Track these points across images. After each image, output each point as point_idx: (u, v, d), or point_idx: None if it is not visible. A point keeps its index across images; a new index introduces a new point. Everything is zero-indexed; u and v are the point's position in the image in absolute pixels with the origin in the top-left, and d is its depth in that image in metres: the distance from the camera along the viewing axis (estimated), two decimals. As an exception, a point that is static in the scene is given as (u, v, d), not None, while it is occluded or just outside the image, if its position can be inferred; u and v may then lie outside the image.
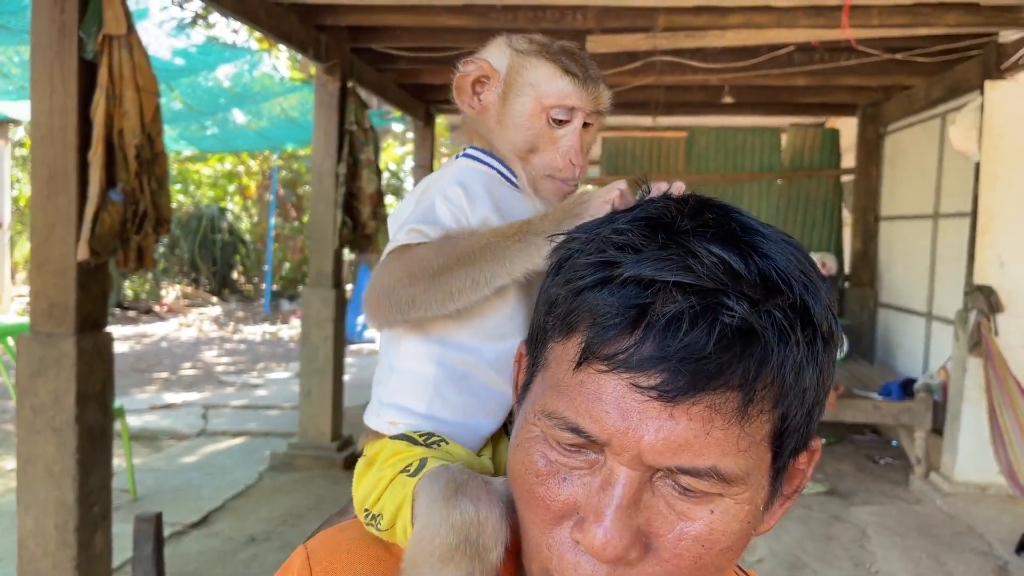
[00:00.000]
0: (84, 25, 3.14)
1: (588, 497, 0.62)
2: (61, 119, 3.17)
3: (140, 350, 11.33)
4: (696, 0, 4.75)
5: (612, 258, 0.62)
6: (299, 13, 5.18)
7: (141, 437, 6.65)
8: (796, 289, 0.61)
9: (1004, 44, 5.38)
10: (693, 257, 0.60)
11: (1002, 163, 5.31)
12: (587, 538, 0.61)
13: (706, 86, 6.92)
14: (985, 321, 5.18)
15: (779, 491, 0.68)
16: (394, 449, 0.92)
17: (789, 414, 0.63)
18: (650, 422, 0.59)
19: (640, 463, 0.60)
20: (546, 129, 1.02)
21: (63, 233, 3.19)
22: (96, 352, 3.30)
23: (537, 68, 1.02)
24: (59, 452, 3.21)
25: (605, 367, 0.60)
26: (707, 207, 0.66)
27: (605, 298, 0.61)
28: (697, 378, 0.58)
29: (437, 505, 0.82)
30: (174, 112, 8.26)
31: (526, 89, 1.02)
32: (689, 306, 0.58)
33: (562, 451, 0.64)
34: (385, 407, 0.98)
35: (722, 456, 0.60)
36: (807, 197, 8.53)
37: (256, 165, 18.01)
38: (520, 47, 1.04)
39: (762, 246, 0.63)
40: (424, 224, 0.95)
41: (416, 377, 0.97)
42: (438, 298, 0.91)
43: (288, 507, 5.08)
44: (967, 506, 5.21)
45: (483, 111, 1.04)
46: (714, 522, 0.61)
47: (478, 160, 1.04)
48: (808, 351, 0.62)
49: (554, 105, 1.01)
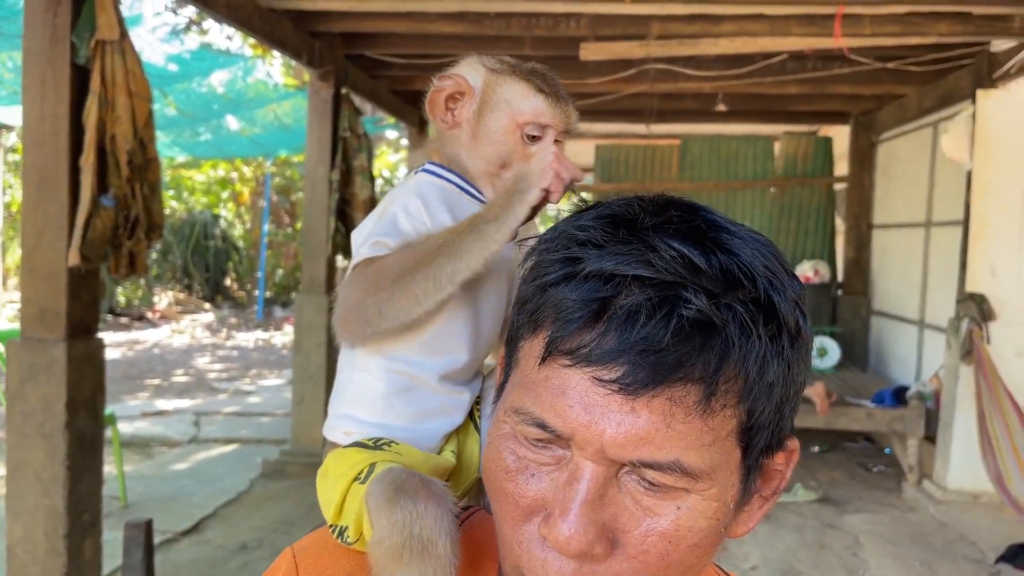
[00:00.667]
0: (77, 30, 3.14)
1: (555, 493, 0.63)
2: (53, 124, 3.16)
3: (132, 356, 11.28)
4: (689, 8, 4.77)
5: (575, 254, 0.63)
6: (293, 19, 5.18)
7: (132, 444, 6.62)
8: (760, 284, 0.62)
9: (996, 53, 5.41)
10: (653, 251, 0.60)
11: (994, 172, 5.33)
12: (552, 533, 0.61)
13: (699, 94, 6.94)
14: (977, 329, 5.19)
15: (753, 490, 0.68)
16: (344, 457, 0.93)
17: (756, 409, 0.63)
18: (612, 416, 0.60)
19: (604, 457, 0.60)
20: (519, 145, 1.04)
21: (54, 239, 3.17)
22: (87, 358, 3.28)
23: (511, 86, 1.05)
24: (49, 459, 3.18)
25: (568, 361, 0.61)
26: (673, 205, 0.66)
27: (568, 293, 0.61)
28: (657, 371, 0.58)
29: (382, 508, 0.84)
30: (168, 118, 8.24)
31: (501, 106, 1.04)
32: (647, 299, 0.59)
33: (530, 447, 0.64)
34: (339, 419, 1.00)
35: (685, 450, 0.60)
36: (800, 205, 8.55)
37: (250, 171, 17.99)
38: (493, 66, 1.06)
39: (726, 242, 0.63)
40: (386, 237, 0.96)
41: (367, 390, 0.99)
42: (404, 304, 0.92)
43: (280, 515, 5.06)
44: (960, 514, 5.21)
45: (455, 126, 1.06)
46: (680, 518, 0.61)
47: (436, 175, 1.05)
48: (772, 346, 0.62)
49: (528, 122, 1.04)
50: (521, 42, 5.64)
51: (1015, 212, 5.33)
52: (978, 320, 5.22)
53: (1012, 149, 5.31)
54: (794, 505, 5.42)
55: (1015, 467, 4.68)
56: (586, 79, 6.13)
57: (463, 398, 1.02)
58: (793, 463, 0.70)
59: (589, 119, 8.29)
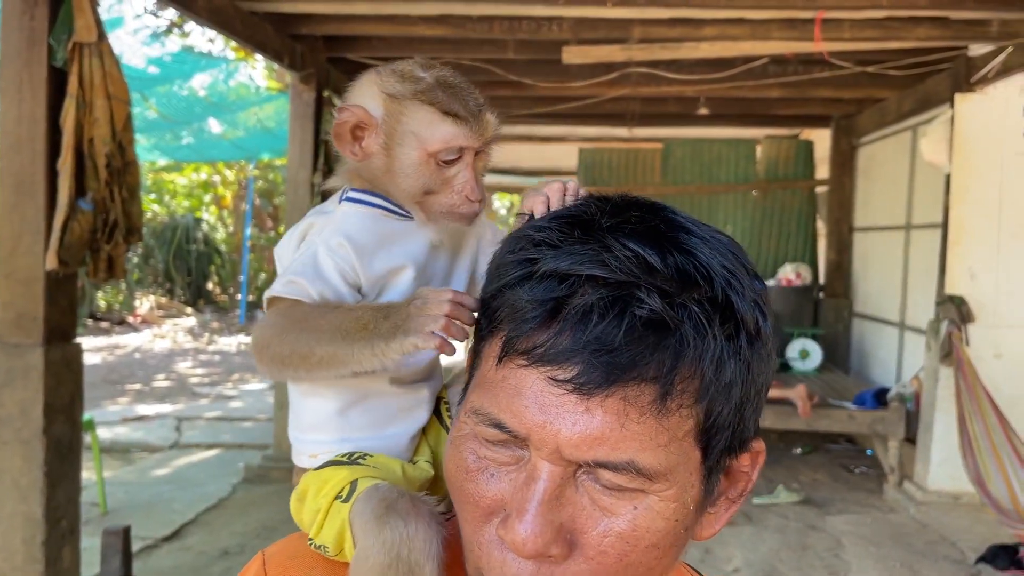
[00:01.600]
0: (54, 32, 3.11)
1: (512, 494, 0.62)
2: (30, 127, 3.13)
3: (113, 361, 11.19)
4: (671, 12, 4.79)
5: (531, 255, 0.63)
6: (274, 22, 5.15)
7: (112, 450, 6.56)
8: (717, 284, 0.61)
9: (973, 58, 5.47)
10: (607, 251, 0.60)
11: (972, 175, 5.38)
12: (509, 534, 0.60)
13: (682, 98, 6.96)
14: (956, 331, 5.23)
15: (718, 492, 0.68)
16: (322, 478, 0.91)
17: (714, 410, 0.62)
18: (567, 416, 0.59)
19: (560, 458, 0.60)
20: (436, 172, 0.98)
21: (31, 243, 3.14)
22: (64, 364, 3.25)
23: (415, 114, 0.98)
24: (26, 465, 3.15)
25: (524, 361, 0.61)
26: (633, 206, 0.66)
27: (524, 294, 0.62)
28: (610, 370, 0.58)
29: (370, 526, 0.82)
30: (148, 121, 8.19)
31: (408, 138, 0.98)
32: (599, 298, 0.59)
33: (490, 447, 0.64)
34: (302, 443, 0.98)
35: (640, 451, 0.59)
36: (782, 208, 8.60)
37: (232, 175, 17.91)
38: (392, 90, 0.99)
39: (684, 242, 0.63)
40: (303, 277, 0.92)
41: (320, 412, 0.97)
42: (303, 368, 0.90)
43: (262, 520, 5.02)
44: (940, 515, 5.25)
45: (366, 158, 1.00)
46: (638, 518, 0.61)
47: (360, 202, 1.00)
48: (729, 345, 0.61)
49: (440, 151, 0.97)
50: (504, 45, 5.64)
51: (993, 215, 5.38)
52: (957, 322, 5.27)
53: (989, 153, 5.36)
54: (776, 507, 5.44)
55: (995, 468, 4.72)
56: (569, 82, 6.14)
57: (421, 395, 1.00)
58: (759, 465, 0.70)
59: (572, 122, 8.32)
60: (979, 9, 4.53)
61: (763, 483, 5.93)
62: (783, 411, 5.84)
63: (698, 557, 4.55)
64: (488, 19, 5.10)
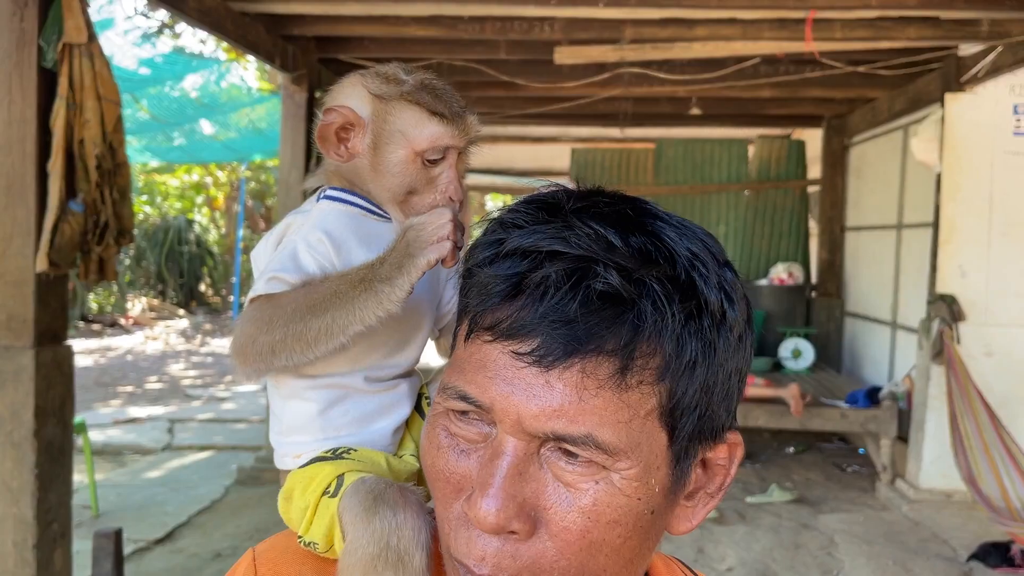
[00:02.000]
0: (44, 34, 3.10)
1: (479, 470, 0.63)
2: (20, 129, 3.12)
3: (105, 364, 11.15)
4: (663, 12, 4.79)
5: (499, 236, 0.65)
6: (266, 23, 5.14)
7: (104, 452, 6.54)
8: (679, 265, 0.62)
9: (964, 57, 5.49)
10: (569, 229, 0.62)
11: (963, 174, 5.41)
12: (473, 509, 0.61)
13: (674, 98, 6.97)
14: (947, 329, 5.26)
15: (692, 485, 0.68)
16: (308, 475, 0.92)
17: (677, 390, 0.63)
18: (527, 388, 0.61)
19: (522, 431, 0.61)
20: (422, 172, 1.01)
21: (21, 244, 3.13)
22: (55, 366, 3.23)
23: (402, 113, 1.01)
24: (17, 467, 3.14)
25: (489, 337, 0.63)
26: (604, 194, 0.67)
27: (490, 272, 0.63)
28: (568, 343, 0.60)
29: (359, 518, 0.83)
30: (140, 123, 8.16)
31: (396, 137, 1.00)
32: (556, 271, 0.60)
33: (460, 424, 0.65)
34: (284, 445, 0.99)
35: (599, 425, 0.60)
36: (774, 208, 8.62)
37: (224, 176, 17.86)
38: (379, 91, 1.02)
39: (650, 226, 0.64)
40: (284, 272, 0.93)
41: (300, 414, 0.98)
42: (297, 347, 0.90)
43: (255, 522, 5.01)
44: (932, 513, 5.27)
45: (351, 159, 1.02)
46: (599, 493, 0.61)
47: (339, 200, 1.01)
48: (689, 324, 0.62)
49: (426, 149, 1.00)
50: (495, 46, 5.64)
51: (983, 214, 5.40)
52: (948, 321, 5.29)
53: (980, 152, 5.38)
54: (770, 506, 5.45)
55: (986, 466, 4.74)
56: (561, 83, 6.14)
57: (400, 390, 1.01)
58: (737, 458, 0.70)
59: (564, 123, 8.33)
60: (969, 9, 4.55)
61: (756, 482, 5.95)
62: (776, 410, 5.86)
63: (691, 557, 4.56)
64: (480, 20, 5.10)
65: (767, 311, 7.80)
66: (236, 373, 0.96)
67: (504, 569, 0.62)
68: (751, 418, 5.85)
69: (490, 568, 0.62)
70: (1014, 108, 5.33)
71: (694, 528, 0.70)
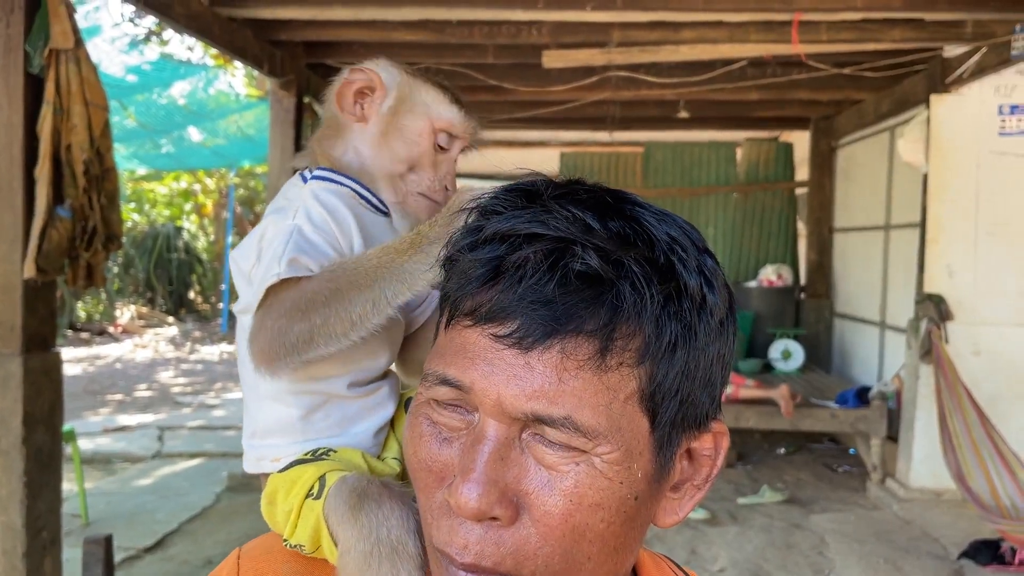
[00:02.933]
0: (30, 39, 3.09)
1: (460, 457, 0.63)
2: (6, 134, 3.11)
3: (93, 372, 11.09)
4: (650, 15, 4.81)
5: (478, 223, 0.65)
6: (253, 28, 5.14)
7: (94, 460, 6.50)
8: (658, 248, 0.62)
9: (948, 59, 5.53)
10: (547, 213, 0.62)
11: (949, 174, 5.44)
12: (454, 496, 0.61)
13: (662, 101, 7.00)
14: (936, 329, 5.28)
15: (678, 476, 0.68)
16: (290, 479, 0.91)
17: (657, 373, 0.63)
18: (508, 369, 0.61)
19: (503, 413, 0.61)
20: (430, 150, 1.05)
21: (8, 251, 3.12)
22: (44, 372, 3.22)
23: (430, 91, 1.06)
24: (6, 475, 3.12)
25: (470, 321, 0.63)
26: (582, 184, 0.67)
27: (469, 258, 0.64)
28: (547, 323, 0.60)
29: (345, 518, 0.83)
30: (127, 130, 8.14)
31: (420, 108, 1.05)
32: (534, 252, 0.60)
33: (442, 412, 0.65)
34: (259, 448, 0.98)
35: (579, 407, 0.60)
36: (763, 210, 8.66)
37: (212, 183, 17.80)
38: (410, 70, 1.08)
39: (629, 212, 0.64)
40: (299, 253, 0.91)
41: (280, 417, 0.97)
42: (339, 328, 0.89)
43: (246, 529, 4.99)
44: (923, 511, 5.29)
45: (362, 121, 1.05)
46: (580, 475, 0.61)
47: (330, 180, 1.02)
48: (669, 306, 0.62)
49: (443, 129, 1.06)
50: (484, 50, 5.65)
51: (969, 213, 5.44)
52: (936, 320, 5.32)
53: (965, 152, 5.42)
54: (761, 506, 5.46)
55: (975, 464, 4.76)
56: (549, 87, 6.15)
57: (382, 392, 1.01)
58: (723, 449, 0.70)
59: (553, 126, 8.34)
60: (953, 10, 4.58)
61: (748, 483, 5.96)
62: (766, 411, 5.87)
63: (684, 558, 4.56)
64: (467, 24, 5.11)
65: (756, 312, 7.83)
66: (258, 369, 0.92)
67: (487, 557, 0.61)
68: (742, 419, 5.86)
69: (473, 556, 0.62)
70: (999, 108, 5.37)
71: (681, 520, 0.70)
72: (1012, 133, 5.36)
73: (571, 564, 0.63)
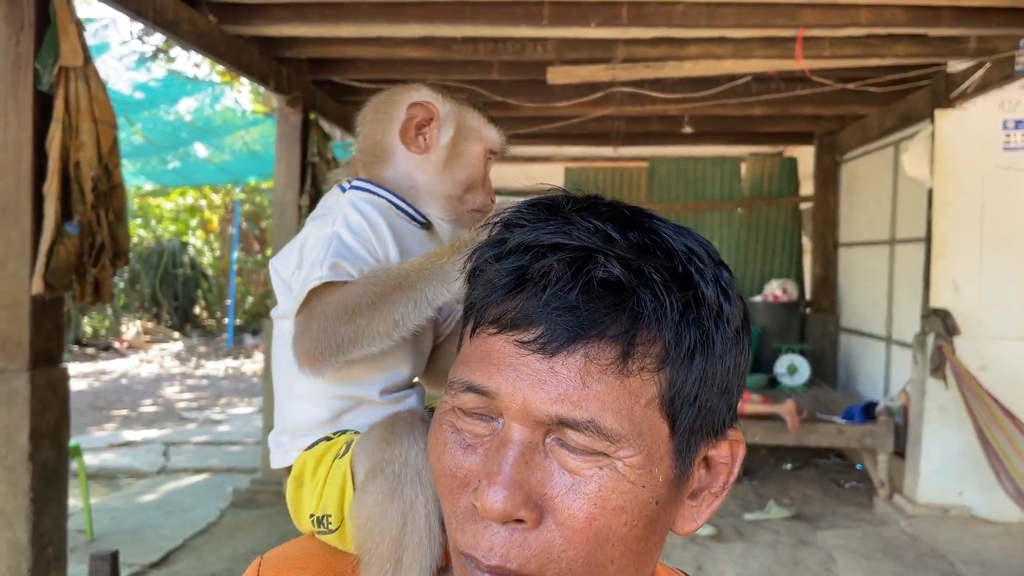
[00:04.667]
0: (40, 57, 3.12)
1: (485, 462, 0.65)
2: (15, 152, 3.13)
3: (99, 387, 11.10)
4: (654, 31, 4.84)
5: (503, 235, 0.67)
6: (260, 46, 5.18)
7: (99, 476, 6.50)
8: (677, 258, 0.65)
9: (952, 74, 5.54)
10: (570, 225, 0.64)
11: (954, 189, 5.44)
12: (480, 499, 0.62)
13: (666, 116, 7.02)
14: (946, 343, 5.26)
15: (696, 483, 0.70)
16: (317, 454, 0.94)
17: (677, 379, 0.64)
18: (532, 374, 0.62)
19: (528, 417, 0.63)
20: (483, 170, 1.14)
21: (16, 267, 3.13)
22: (50, 388, 3.22)
23: (474, 116, 1.14)
24: (11, 491, 3.12)
25: (494, 329, 0.65)
26: (601, 199, 0.70)
27: (493, 268, 0.66)
28: (571, 329, 0.62)
29: (377, 445, 0.86)
30: (134, 146, 8.18)
31: (474, 134, 1.13)
32: (558, 261, 0.62)
33: (466, 420, 0.67)
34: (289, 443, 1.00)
35: (602, 411, 0.62)
36: (767, 225, 8.66)
37: (218, 199, 17.87)
38: (454, 96, 1.14)
39: (647, 224, 0.67)
40: (339, 258, 0.96)
41: (309, 417, 1.00)
42: (383, 328, 0.93)
43: (251, 544, 4.98)
44: (930, 528, 5.26)
45: (427, 151, 1.10)
46: (603, 479, 0.63)
47: (369, 191, 1.06)
48: (688, 312, 0.64)
49: (492, 149, 1.14)
50: (488, 66, 5.68)
51: (975, 228, 5.43)
52: (943, 335, 5.30)
53: (970, 167, 5.42)
54: (768, 522, 5.43)
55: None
56: (553, 102, 6.18)
57: (409, 401, 1.04)
58: (739, 457, 0.71)
59: (557, 142, 8.37)
60: (957, 26, 4.60)
61: (754, 499, 5.93)
62: (773, 426, 5.85)
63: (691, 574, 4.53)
64: (473, 40, 5.14)
65: (762, 327, 7.81)
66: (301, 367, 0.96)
67: (512, 559, 0.63)
68: (748, 435, 5.83)
69: (499, 558, 0.63)
70: (1003, 123, 5.37)
71: (699, 528, 0.71)
72: (1016, 148, 5.36)
73: (594, 567, 0.64)
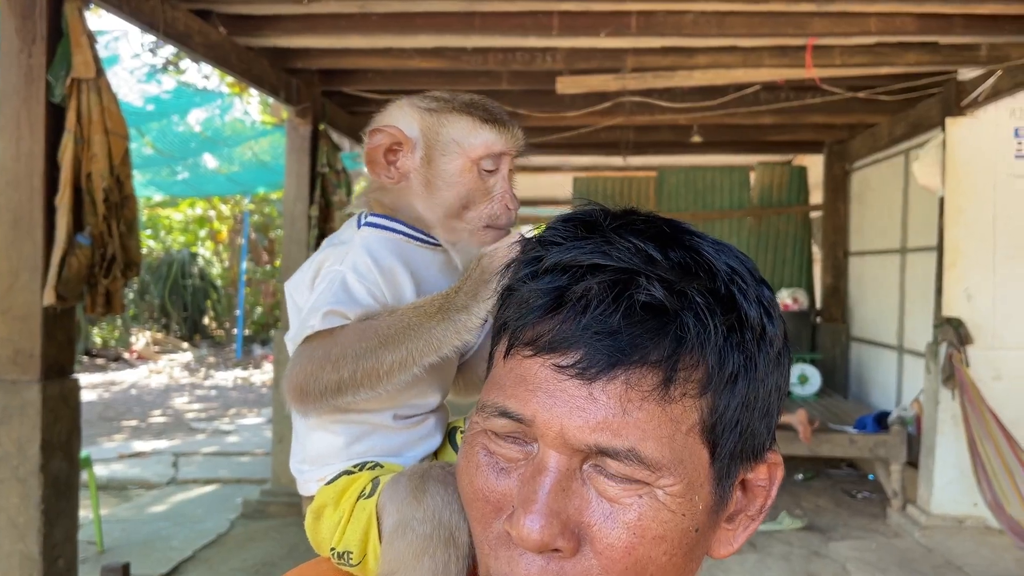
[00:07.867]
0: (52, 69, 3.13)
1: (520, 488, 0.62)
2: (28, 164, 3.14)
3: (109, 398, 11.12)
4: (663, 41, 4.83)
5: (538, 253, 0.65)
6: (270, 57, 5.19)
7: (109, 487, 6.50)
8: (720, 278, 0.62)
9: (963, 82, 5.52)
10: (609, 244, 0.62)
11: (965, 198, 5.41)
12: (516, 528, 0.60)
13: (675, 126, 7.01)
14: (957, 353, 5.22)
15: (734, 507, 0.68)
16: (340, 488, 0.91)
17: (719, 405, 0.62)
18: (570, 400, 0.60)
19: (565, 445, 0.61)
20: (478, 182, 1.00)
21: (28, 279, 3.14)
22: (62, 399, 3.23)
23: (455, 123, 1.00)
24: (23, 503, 3.12)
25: (530, 351, 0.62)
26: (638, 213, 0.67)
27: (529, 288, 0.63)
28: (612, 354, 0.59)
29: (407, 501, 0.82)
30: (145, 157, 8.22)
31: (451, 147, 1.00)
32: (599, 283, 0.60)
33: (499, 443, 0.65)
34: (307, 472, 0.98)
35: (642, 439, 0.60)
36: (777, 234, 8.64)
37: (228, 209, 17.93)
38: (429, 106, 1.02)
39: (688, 241, 0.64)
40: (340, 305, 0.92)
41: (326, 445, 0.97)
42: (368, 381, 0.90)
43: (261, 556, 4.96)
44: (945, 539, 5.21)
45: (402, 179, 1.01)
46: (643, 508, 0.61)
47: (380, 227, 1.00)
48: (731, 336, 0.62)
49: (482, 156, 1.00)
50: (498, 77, 5.69)
51: (987, 236, 5.40)
52: (956, 344, 5.26)
53: (981, 175, 5.39)
54: (780, 534, 5.39)
55: (1011, 491, 4.60)
56: (563, 112, 6.18)
57: (428, 424, 1.00)
58: (777, 480, 0.69)
59: (566, 152, 8.36)
60: (967, 34, 4.58)
61: (766, 510, 5.88)
62: (784, 437, 5.81)
63: (703, 586, 4.50)
64: (482, 51, 5.14)
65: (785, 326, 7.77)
66: (293, 411, 0.94)
67: None
68: (759, 445, 5.80)
69: None
70: (1015, 131, 5.35)
71: (735, 551, 0.69)
72: (1029, 156, 5.33)
73: None
